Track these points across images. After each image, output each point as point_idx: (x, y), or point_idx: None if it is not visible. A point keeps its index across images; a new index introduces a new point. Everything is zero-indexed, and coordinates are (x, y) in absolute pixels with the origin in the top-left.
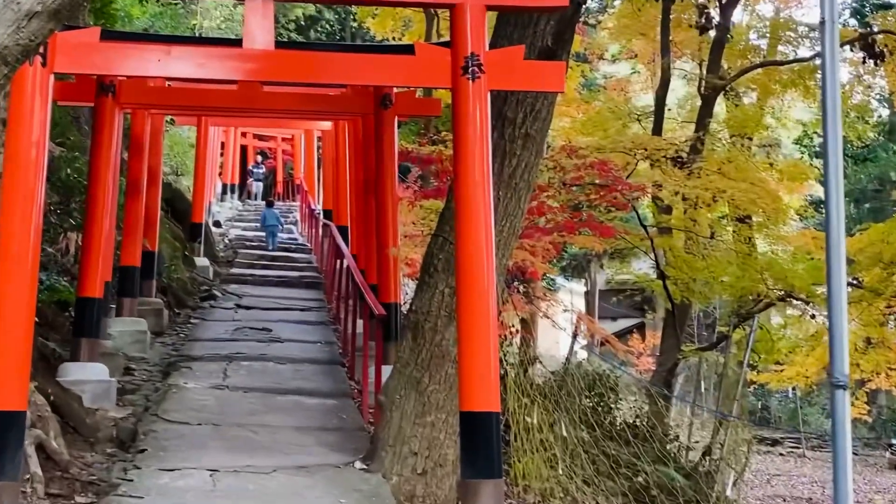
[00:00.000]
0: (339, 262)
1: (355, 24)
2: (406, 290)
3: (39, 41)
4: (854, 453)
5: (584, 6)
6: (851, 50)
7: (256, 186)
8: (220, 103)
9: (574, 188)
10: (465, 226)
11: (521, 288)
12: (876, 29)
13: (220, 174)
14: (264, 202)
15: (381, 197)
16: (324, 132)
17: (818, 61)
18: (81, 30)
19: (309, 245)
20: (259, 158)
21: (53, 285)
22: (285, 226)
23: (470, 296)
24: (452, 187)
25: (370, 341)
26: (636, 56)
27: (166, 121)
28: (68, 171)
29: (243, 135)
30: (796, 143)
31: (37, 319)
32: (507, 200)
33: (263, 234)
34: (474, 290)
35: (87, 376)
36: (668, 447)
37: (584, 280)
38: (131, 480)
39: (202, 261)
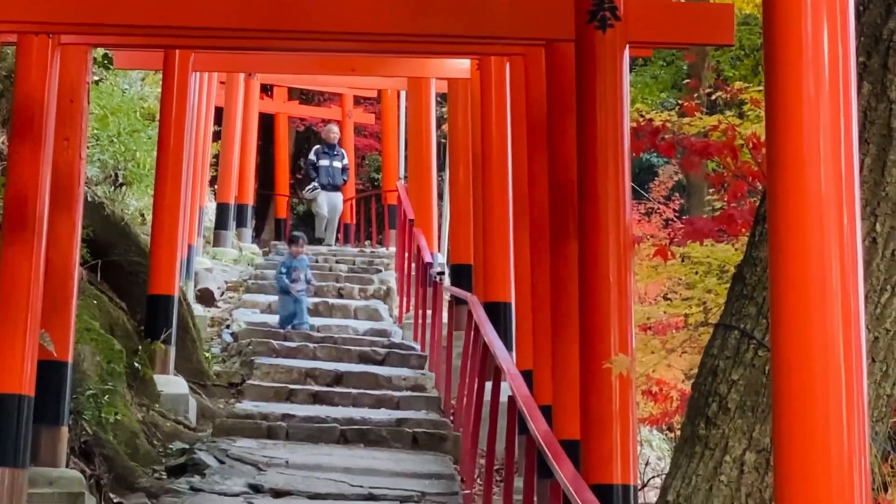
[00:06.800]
0: (488, 387)
1: None
2: (648, 454)
3: None
4: None
5: None
6: None
7: (328, 202)
8: (218, 19)
9: None
10: (795, 306)
11: None
12: None
13: (211, 184)
14: (286, 241)
15: (590, 236)
16: (452, 85)
17: None
18: None
19: (417, 347)
20: (335, 133)
21: None
22: (365, 303)
23: (809, 477)
24: (763, 213)
25: None
26: None
27: (95, 60)
28: None
29: (266, 91)
30: None
31: None
32: None
33: (301, 322)
34: (815, 461)
35: None
36: None
37: None
38: None
39: (173, 383)
